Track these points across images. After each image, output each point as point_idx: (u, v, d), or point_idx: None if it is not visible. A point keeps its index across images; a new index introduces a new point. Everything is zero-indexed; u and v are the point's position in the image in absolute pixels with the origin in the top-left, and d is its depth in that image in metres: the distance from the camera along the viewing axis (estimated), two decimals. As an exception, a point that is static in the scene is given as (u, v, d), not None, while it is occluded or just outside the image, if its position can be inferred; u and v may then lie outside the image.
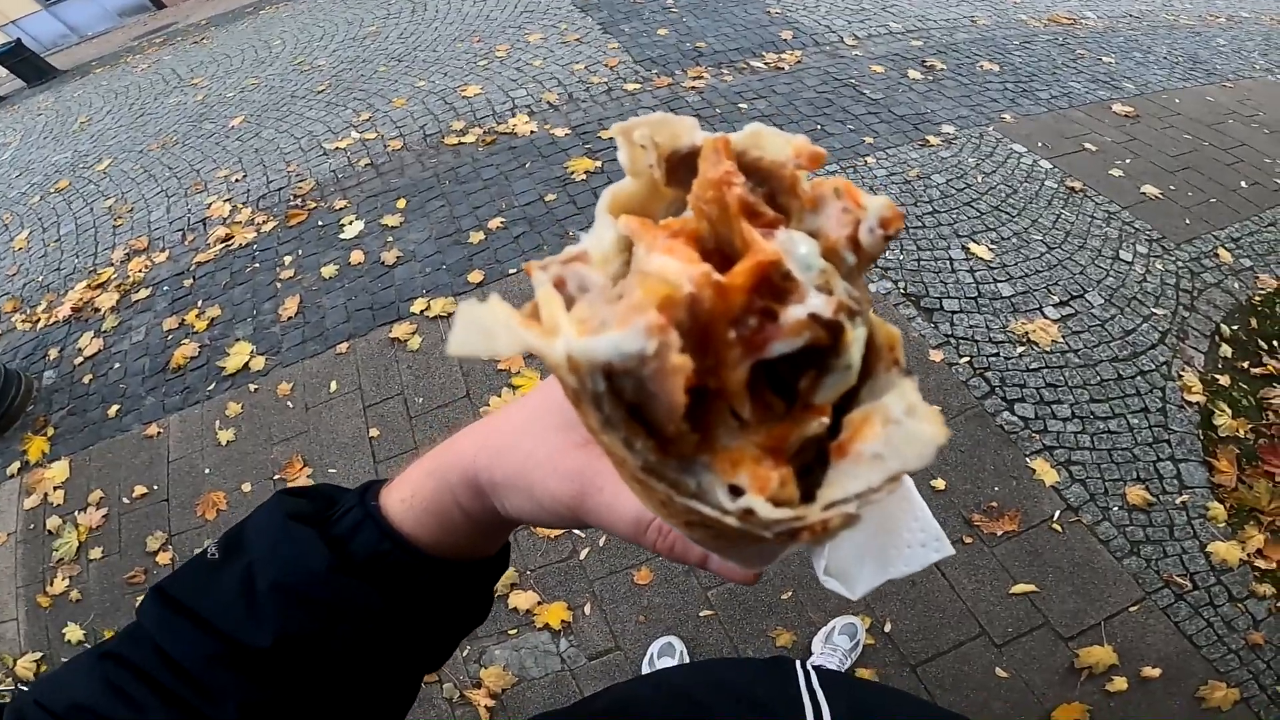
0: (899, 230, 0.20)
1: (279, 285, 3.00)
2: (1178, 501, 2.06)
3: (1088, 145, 3.23)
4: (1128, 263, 2.67)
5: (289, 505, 0.36)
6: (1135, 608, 1.90)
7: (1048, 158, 3.14)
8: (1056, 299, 2.53)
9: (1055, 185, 3.00)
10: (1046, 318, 2.45)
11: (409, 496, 0.34)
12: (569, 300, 0.20)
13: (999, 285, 2.57)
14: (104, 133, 5.04)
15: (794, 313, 0.17)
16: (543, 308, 0.18)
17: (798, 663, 0.68)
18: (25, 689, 0.33)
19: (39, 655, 2.28)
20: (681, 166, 0.22)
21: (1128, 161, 3.15)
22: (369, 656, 0.34)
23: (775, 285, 0.18)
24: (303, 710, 0.33)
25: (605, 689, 0.68)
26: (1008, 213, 2.85)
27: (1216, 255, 2.73)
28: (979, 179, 3.00)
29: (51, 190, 4.44)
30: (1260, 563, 1.94)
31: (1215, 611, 1.88)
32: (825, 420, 0.19)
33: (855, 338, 0.18)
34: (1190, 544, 1.98)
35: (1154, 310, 2.51)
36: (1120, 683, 1.80)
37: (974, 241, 2.71)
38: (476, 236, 2.93)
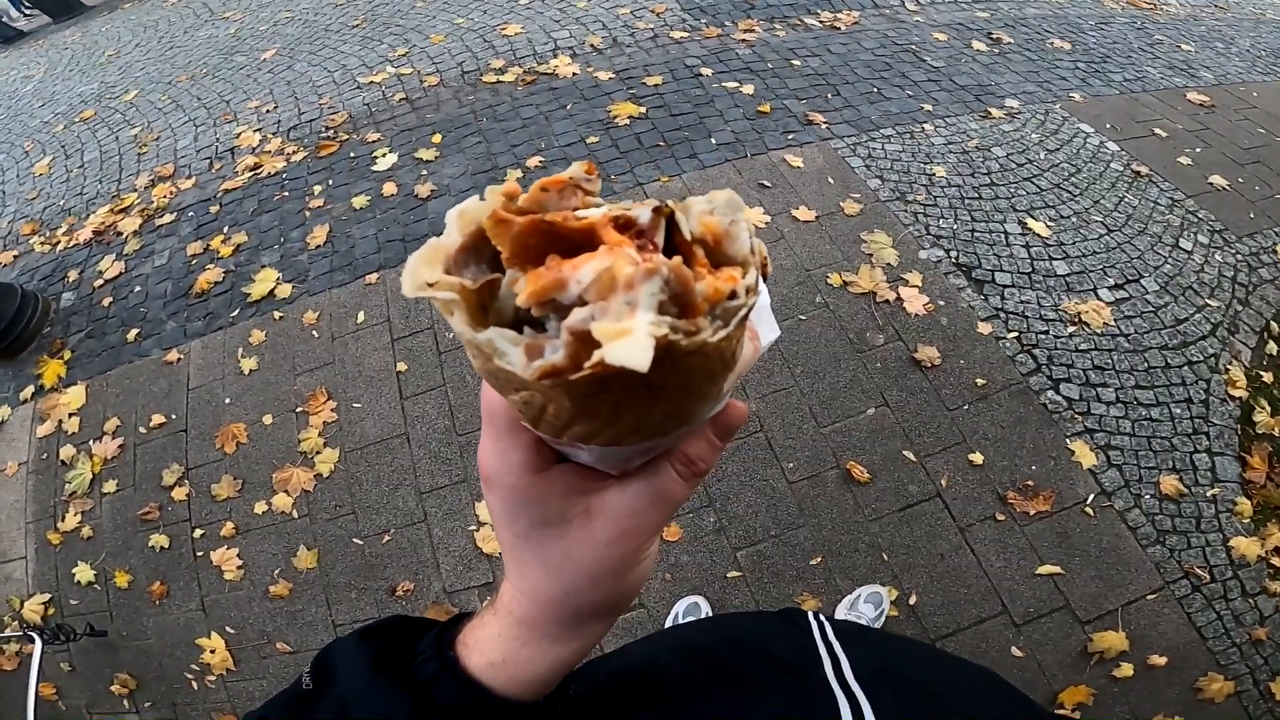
0: (592, 171, 0.28)
1: (308, 214, 3.06)
2: (1208, 494, 2.11)
3: (1158, 130, 3.21)
4: (1187, 251, 2.67)
5: (371, 650, 0.40)
6: (1153, 596, 1.97)
7: (1115, 140, 3.13)
8: (1112, 282, 2.54)
9: (1121, 168, 2.99)
10: (1100, 299, 2.47)
11: (499, 661, 0.38)
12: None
13: (1054, 263, 2.58)
14: (132, 65, 5.10)
15: (651, 223, 0.26)
16: (606, 331, 0.22)
17: (810, 614, 0.70)
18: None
19: (47, 597, 2.34)
20: (463, 269, 0.26)
21: (1198, 150, 3.13)
22: None
23: (628, 227, 0.26)
24: None
25: (616, 650, 0.71)
26: (1069, 191, 2.85)
27: (1276, 251, 2.73)
28: (1041, 155, 3.00)
29: (76, 120, 4.52)
30: (1277, 560, 2.02)
31: (1227, 605, 1.96)
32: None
33: (680, 212, 0.26)
34: (1214, 537, 2.05)
35: (1208, 301, 2.52)
36: (1127, 669, 1.88)
37: (1031, 217, 2.72)
38: (514, 174, 2.97)
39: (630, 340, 0.20)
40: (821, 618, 0.68)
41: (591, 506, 0.34)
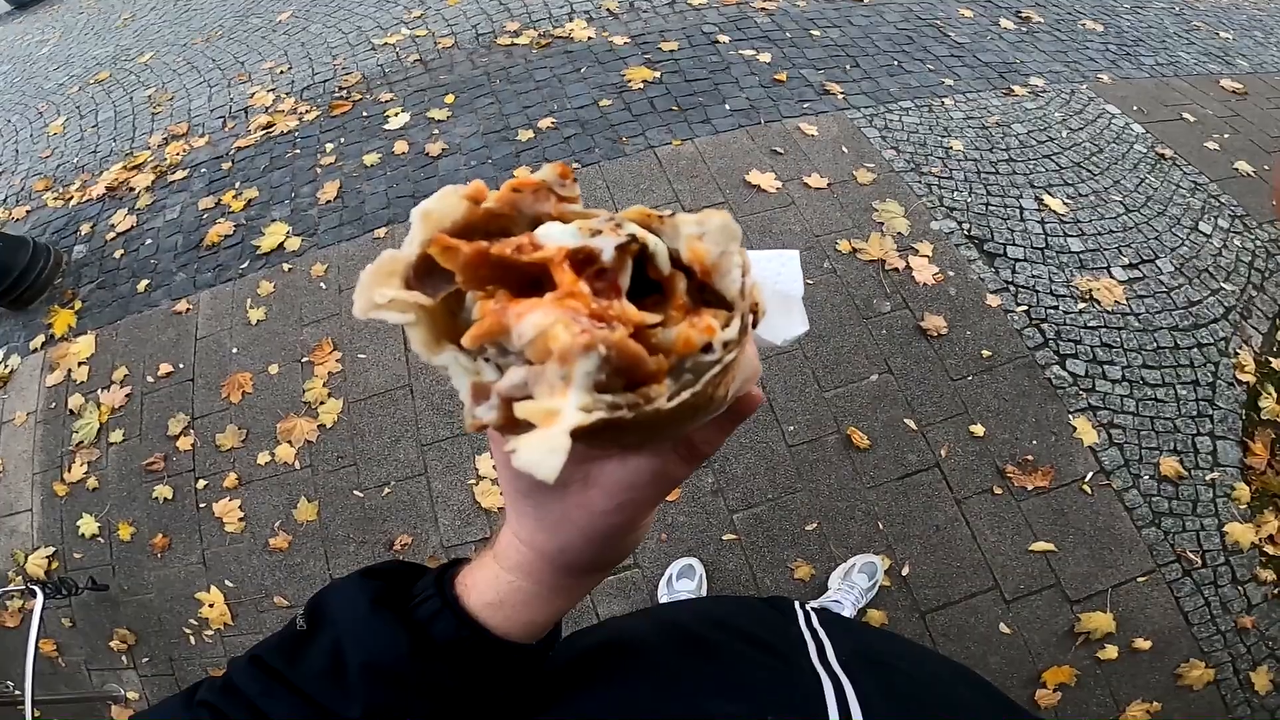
0: (567, 174, 0.27)
1: (319, 170, 3.14)
2: (1207, 478, 2.15)
3: (1186, 115, 3.21)
4: (1206, 235, 2.70)
5: (371, 589, 0.42)
6: (1143, 579, 2.01)
7: (1141, 122, 3.14)
8: (1126, 261, 2.57)
9: (1144, 150, 3.01)
10: (1113, 278, 2.50)
11: (496, 602, 0.40)
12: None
13: (1069, 240, 2.62)
14: (147, 28, 5.18)
15: (611, 263, 0.24)
16: (531, 412, 0.21)
17: (796, 603, 0.72)
18: None
19: (51, 551, 2.41)
20: (426, 279, 0.25)
21: (1225, 136, 3.13)
22: None
23: (588, 263, 0.24)
24: None
25: (598, 625, 0.74)
26: (1089, 170, 2.87)
27: (1297, 238, 2.75)
28: (1063, 134, 3.02)
29: (91, 81, 4.60)
30: (1270, 548, 2.06)
31: (1216, 591, 1.99)
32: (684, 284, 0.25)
33: (653, 240, 0.25)
34: (1210, 522, 2.08)
35: (1223, 285, 2.55)
36: (1111, 651, 1.93)
37: (1049, 194, 2.75)
38: (525, 134, 3.04)
39: (544, 438, 0.19)
40: (807, 607, 0.71)
41: (590, 474, 0.35)
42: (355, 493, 2.31)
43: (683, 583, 2.03)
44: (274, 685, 0.40)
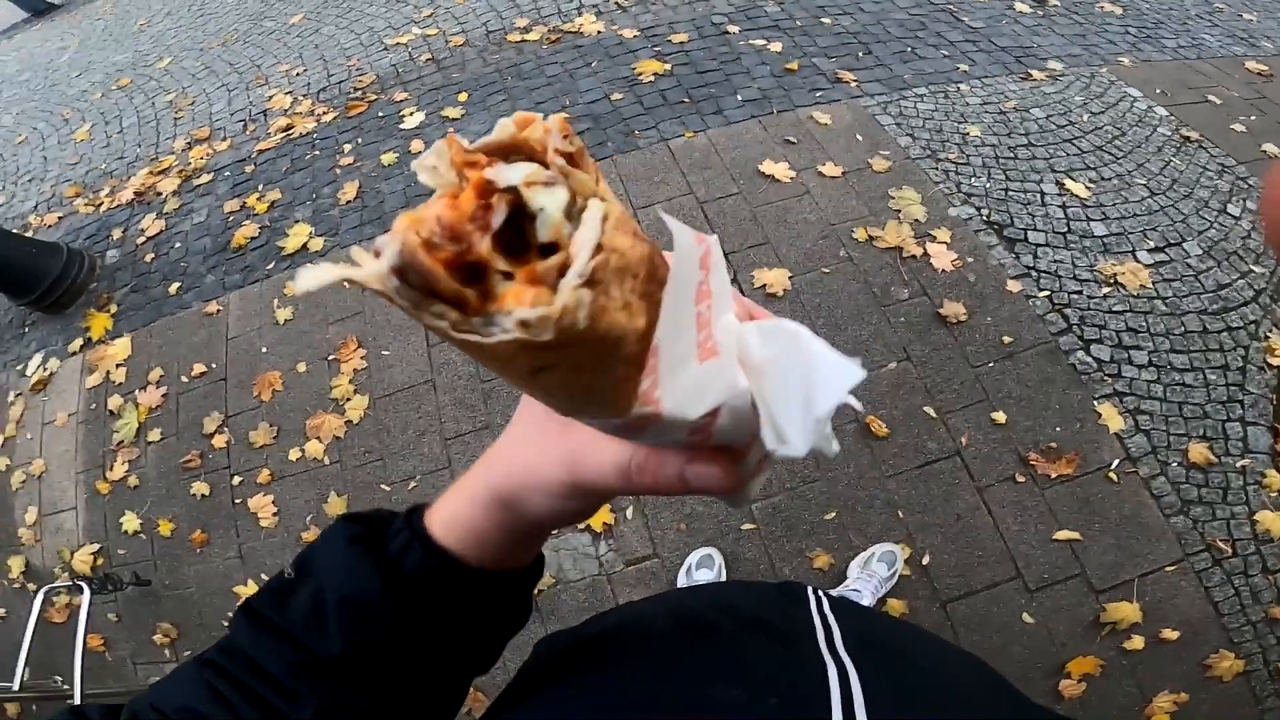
0: (567, 128, 0.26)
1: (338, 171, 3.17)
2: (1238, 465, 2.09)
3: (1211, 98, 3.13)
4: (1234, 218, 2.62)
5: (350, 531, 0.42)
6: (1172, 568, 1.97)
7: (1165, 105, 3.06)
8: (1152, 244, 2.51)
9: (1169, 133, 2.93)
10: (1139, 261, 2.45)
11: (448, 519, 0.41)
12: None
13: (1092, 224, 2.56)
14: (164, 33, 5.24)
15: (496, 200, 0.24)
16: (357, 256, 0.23)
17: (808, 588, 0.71)
18: (144, 691, 0.42)
19: (96, 547, 2.47)
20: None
21: (1252, 118, 3.04)
22: (424, 663, 0.42)
23: (490, 192, 0.24)
24: (370, 712, 0.41)
25: (614, 609, 0.73)
26: (1111, 154, 2.81)
27: (1329, 220, 2.67)
28: (1084, 118, 2.95)
29: (113, 87, 4.67)
30: None
31: (1246, 581, 1.94)
32: (566, 253, 0.24)
33: (541, 197, 0.24)
34: (1240, 510, 2.03)
35: (1253, 268, 2.48)
36: (1138, 641, 1.89)
37: (1070, 178, 2.69)
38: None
39: (323, 268, 0.22)
40: (820, 592, 0.70)
41: (574, 427, 0.35)
42: (383, 486, 2.35)
43: (702, 572, 2.04)
44: (262, 632, 0.41)
